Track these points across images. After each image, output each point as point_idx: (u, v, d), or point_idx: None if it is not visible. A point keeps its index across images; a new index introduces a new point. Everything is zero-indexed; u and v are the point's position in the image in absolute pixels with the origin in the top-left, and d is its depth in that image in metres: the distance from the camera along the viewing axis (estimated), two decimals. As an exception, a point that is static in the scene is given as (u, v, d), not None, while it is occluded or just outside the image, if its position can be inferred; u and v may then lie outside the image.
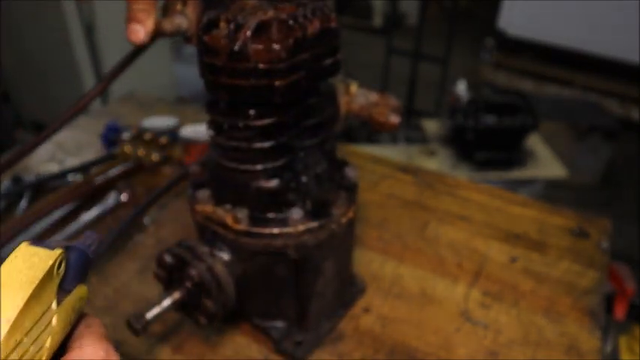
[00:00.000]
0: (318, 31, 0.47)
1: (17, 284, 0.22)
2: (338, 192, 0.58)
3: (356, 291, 0.70)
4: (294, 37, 0.46)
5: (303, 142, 0.53)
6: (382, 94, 0.59)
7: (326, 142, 0.55)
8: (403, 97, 2.86)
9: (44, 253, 0.24)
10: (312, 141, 0.53)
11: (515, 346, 0.65)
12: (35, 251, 0.24)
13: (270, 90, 0.47)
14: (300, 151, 0.53)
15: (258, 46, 0.45)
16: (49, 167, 0.95)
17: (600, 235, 0.83)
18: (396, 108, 0.59)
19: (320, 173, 0.55)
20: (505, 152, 2.28)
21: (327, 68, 0.51)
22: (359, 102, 0.59)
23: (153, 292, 0.69)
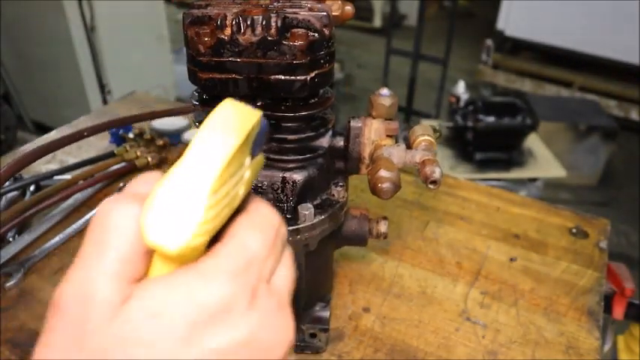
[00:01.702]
0: (258, 40, 0.46)
1: (230, 129, 0.24)
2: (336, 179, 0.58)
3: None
4: (219, 37, 0.46)
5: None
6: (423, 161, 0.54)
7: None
8: (403, 97, 2.86)
9: (250, 109, 0.25)
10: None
11: (515, 345, 0.65)
12: (242, 106, 0.25)
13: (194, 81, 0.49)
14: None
15: (192, 36, 0.46)
16: (49, 167, 0.95)
17: (599, 235, 0.83)
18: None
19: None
20: (504, 152, 2.29)
21: (277, 84, 0.47)
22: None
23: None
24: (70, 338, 0.23)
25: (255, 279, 0.25)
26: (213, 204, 0.22)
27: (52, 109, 2.74)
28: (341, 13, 0.55)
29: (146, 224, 0.22)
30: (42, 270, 0.74)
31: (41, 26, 2.46)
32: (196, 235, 0.22)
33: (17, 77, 2.72)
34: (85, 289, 0.23)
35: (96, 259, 0.24)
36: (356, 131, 0.55)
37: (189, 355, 0.22)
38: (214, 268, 0.23)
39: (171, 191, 0.22)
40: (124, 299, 0.23)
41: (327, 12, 0.48)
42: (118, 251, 0.23)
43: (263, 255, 0.25)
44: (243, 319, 0.24)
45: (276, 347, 0.25)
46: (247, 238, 0.25)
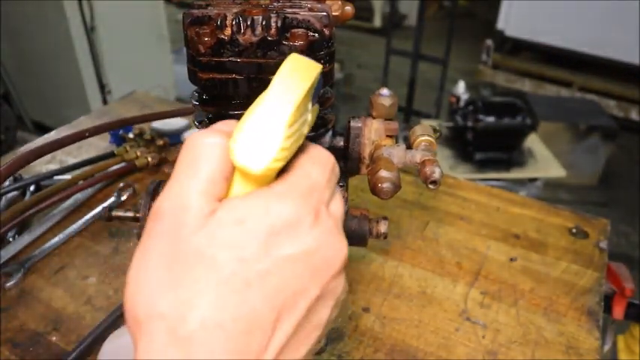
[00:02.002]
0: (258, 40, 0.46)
1: (302, 74, 0.28)
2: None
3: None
4: (219, 37, 0.46)
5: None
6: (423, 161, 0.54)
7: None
8: (403, 97, 2.87)
9: (314, 62, 0.30)
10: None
11: (514, 345, 0.65)
12: (308, 59, 0.29)
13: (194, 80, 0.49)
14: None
15: (192, 36, 0.46)
16: (49, 167, 0.95)
17: (599, 235, 0.83)
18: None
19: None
20: (504, 152, 2.29)
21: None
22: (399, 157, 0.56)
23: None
24: (167, 241, 0.27)
25: (317, 202, 0.29)
26: (289, 135, 0.27)
27: (52, 109, 2.74)
28: (341, 13, 0.55)
29: (235, 148, 0.26)
30: (42, 270, 0.74)
31: (41, 26, 2.46)
32: (276, 159, 0.26)
33: (17, 77, 2.72)
34: (180, 201, 0.27)
35: (188, 178, 0.28)
36: (356, 131, 0.55)
37: (267, 258, 0.26)
38: (285, 190, 0.28)
39: (256, 123, 0.26)
40: (212, 211, 0.27)
41: (327, 12, 0.48)
42: (206, 172, 0.28)
43: (322, 184, 0.30)
44: (309, 232, 0.28)
45: (334, 259, 0.29)
46: (310, 169, 0.30)
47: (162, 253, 0.27)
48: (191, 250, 0.26)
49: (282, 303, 0.27)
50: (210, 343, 0.25)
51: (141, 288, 0.27)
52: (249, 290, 0.26)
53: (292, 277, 0.27)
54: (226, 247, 0.26)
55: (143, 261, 0.27)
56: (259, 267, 0.26)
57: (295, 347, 0.28)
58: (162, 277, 0.26)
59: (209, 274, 0.26)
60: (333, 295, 0.30)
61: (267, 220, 0.27)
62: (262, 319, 0.26)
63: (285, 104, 0.27)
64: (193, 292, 0.25)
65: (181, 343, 0.25)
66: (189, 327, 0.25)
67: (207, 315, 0.25)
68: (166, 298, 0.26)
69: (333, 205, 0.31)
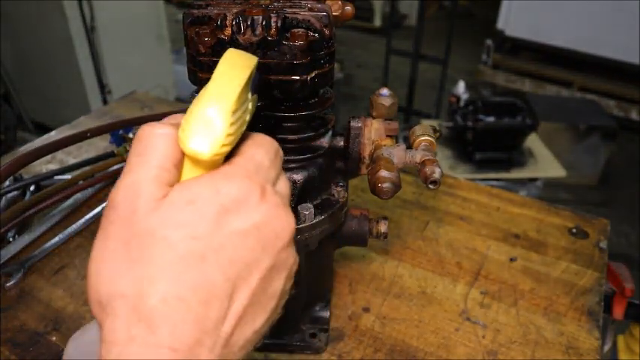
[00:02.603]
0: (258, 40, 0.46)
1: (240, 65, 0.31)
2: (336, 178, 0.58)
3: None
4: (219, 37, 0.46)
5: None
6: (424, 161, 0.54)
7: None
8: (403, 97, 2.86)
9: (250, 55, 0.32)
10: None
11: (514, 345, 0.65)
12: (244, 52, 0.32)
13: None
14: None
15: (192, 36, 0.46)
16: (49, 167, 0.95)
17: (599, 235, 0.83)
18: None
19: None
20: (504, 152, 2.29)
21: (277, 84, 0.47)
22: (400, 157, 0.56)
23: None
24: (122, 226, 0.28)
25: (263, 180, 0.31)
26: (233, 121, 0.29)
27: (52, 109, 2.74)
28: (341, 13, 0.55)
29: (184, 136, 0.28)
30: (42, 270, 0.74)
31: (41, 26, 2.46)
32: (223, 144, 0.28)
33: (17, 77, 2.72)
34: (133, 189, 0.29)
35: (140, 166, 0.29)
36: (356, 131, 0.55)
37: (219, 234, 0.28)
38: (232, 171, 0.30)
39: (202, 112, 0.28)
40: (164, 195, 0.29)
41: (327, 12, 0.48)
42: (157, 160, 0.29)
43: (266, 165, 0.32)
44: (256, 208, 0.30)
45: (283, 232, 0.31)
46: (254, 152, 0.32)
47: (119, 237, 0.28)
48: (146, 232, 0.27)
49: (237, 274, 0.28)
50: (172, 316, 0.26)
51: (101, 272, 0.28)
52: (205, 264, 0.27)
53: (244, 250, 0.29)
54: (179, 227, 0.27)
55: (101, 248, 0.28)
56: (212, 242, 0.28)
57: (252, 317, 0.30)
58: (120, 260, 0.27)
59: (164, 252, 0.27)
60: (284, 266, 0.32)
61: (217, 198, 0.28)
62: (219, 290, 0.28)
63: (228, 94, 0.29)
64: (151, 270, 0.27)
65: (144, 318, 0.26)
66: (150, 302, 0.26)
67: (166, 289, 0.26)
68: (126, 278, 0.27)
69: (279, 184, 0.33)
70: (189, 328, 0.26)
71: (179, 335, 0.26)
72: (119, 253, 0.28)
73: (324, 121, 0.55)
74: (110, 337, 0.26)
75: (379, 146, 0.54)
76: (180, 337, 0.26)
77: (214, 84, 0.29)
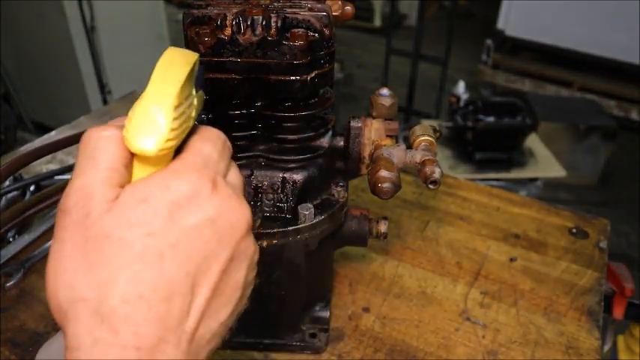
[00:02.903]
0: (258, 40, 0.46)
1: (181, 62, 0.31)
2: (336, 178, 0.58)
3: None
4: (219, 37, 0.46)
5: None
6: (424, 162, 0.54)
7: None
8: (403, 97, 2.86)
9: (190, 52, 0.33)
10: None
11: (514, 345, 0.65)
12: (183, 49, 0.33)
13: None
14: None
15: (192, 36, 0.46)
16: (49, 167, 0.95)
17: (599, 235, 0.83)
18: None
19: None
20: (504, 152, 2.29)
21: (277, 84, 0.48)
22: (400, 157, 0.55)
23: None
24: (77, 231, 0.28)
25: (213, 173, 0.31)
26: (177, 117, 0.29)
27: (52, 109, 2.74)
28: (341, 13, 0.55)
29: (129, 136, 0.28)
30: (42, 270, 0.73)
31: (41, 26, 2.45)
32: (167, 139, 0.28)
33: (17, 77, 2.72)
34: (84, 192, 0.28)
35: (90, 169, 0.29)
36: (356, 131, 0.55)
37: (174, 230, 0.28)
38: (181, 167, 0.30)
39: (144, 110, 0.29)
40: (116, 196, 0.28)
41: (327, 12, 0.48)
42: (106, 162, 0.29)
43: (215, 158, 0.32)
44: (209, 201, 0.30)
45: (238, 222, 0.31)
46: (201, 146, 0.32)
47: (74, 242, 0.28)
48: (101, 234, 0.27)
49: (196, 268, 0.28)
50: (133, 315, 0.26)
51: (59, 278, 0.28)
52: (163, 260, 0.27)
53: (201, 243, 0.29)
54: (133, 226, 0.27)
55: (57, 253, 0.29)
56: (168, 238, 0.28)
57: (216, 310, 0.30)
58: (77, 264, 0.27)
59: (121, 252, 0.27)
60: (245, 256, 0.32)
61: (168, 195, 0.29)
62: (180, 286, 0.28)
63: (168, 89, 0.29)
64: (109, 271, 0.27)
65: (106, 320, 0.26)
66: (111, 303, 0.26)
67: (126, 289, 0.26)
68: (85, 281, 0.27)
69: (230, 176, 0.33)
70: (152, 327, 0.26)
71: (142, 334, 0.26)
72: (76, 257, 0.27)
73: (324, 121, 0.55)
74: (73, 342, 0.26)
75: (379, 146, 0.54)
76: (144, 336, 0.26)
77: (154, 82, 0.30)
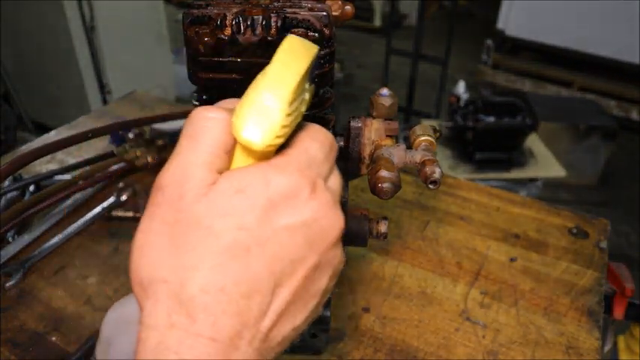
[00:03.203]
0: (258, 40, 0.46)
1: (299, 56, 0.29)
2: None
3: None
4: (219, 37, 0.46)
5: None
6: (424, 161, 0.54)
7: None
8: (403, 97, 2.86)
9: (310, 43, 0.31)
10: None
11: (515, 345, 0.65)
12: (303, 40, 0.31)
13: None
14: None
15: (192, 36, 0.46)
16: (49, 167, 0.95)
17: (599, 235, 0.83)
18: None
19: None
20: (504, 152, 2.29)
21: None
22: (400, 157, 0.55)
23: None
24: (169, 210, 0.27)
25: (315, 175, 0.30)
26: (289, 112, 0.28)
27: (52, 109, 2.74)
28: (341, 13, 0.55)
29: (238, 124, 0.27)
30: (42, 270, 0.74)
31: (41, 26, 2.45)
32: (277, 135, 0.27)
33: (17, 77, 2.72)
34: (182, 172, 0.28)
35: (191, 150, 0.29)
36: (356, 131, 0.55)
37: (266, 227, 0.27)
38: (284, 163, 0.29)
39: (258, 100, 0.27)
40: (213, 181, 0.28)
41: (327, 12, 0.48)
42: (208, 146, 0.29)
43: (320, 159, 0.31)
44: (306, 204, 0.29)
45: (331, 230, 0.30)
46: (308, 145, 0.30)
47: (164, 221, 0.27)
48: (192, 219, 0.27)
49: (281, 270, 0.28)
50: (213, 306, 0.26)
51: (144, 254, 0.28)
52: (250, 256, 0.27)
53: (291, 246, 0.28)
54: (226, 216, 0.27)
55: (146, 229, 0.28)
56: (259, 235, 0.27)
57: (293, 314, 0.29)
58: (163, 244, 0.27)
59: (209, 241, 0.26)
60: (330, 265, 0.31)
61: (267, 191, 0.28)
62: (262, 285, 0.27)
63: (285, 83, 0.28)
64: (193, 258, 0.26)
65: (185, 306, 0.26)
66: (190, 290, 0.26)
67: (207, 280, 0.26)
68: (168, 263, 0.27)
69: (330, 180, 0.32)
70: (230, 320, 0.26)
71: (220, 326, 0.26)
72: (163, 237, 0.27)
73: (324, 121, 0.55)
74: (150, 320, 0.26)
75: (379, 146, 0.54)
76: (221, 329, 0.26)
77: (273, 71, 0.28)
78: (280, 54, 0.29)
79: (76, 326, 0.65)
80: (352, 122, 0.55)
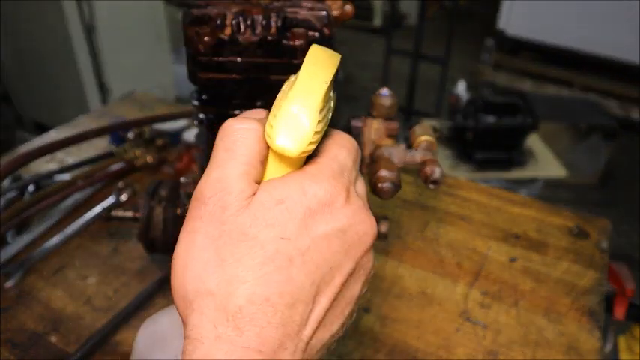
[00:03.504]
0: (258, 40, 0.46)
1: (325, 64, 0.30)
2: None
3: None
4: (219, 37, 0.46)
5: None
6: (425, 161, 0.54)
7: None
8: (403, 97, 2.86)
9: (333, 52, 0.32)
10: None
11: (515, 345, 0.65)
12: (326, 49, 0.32)
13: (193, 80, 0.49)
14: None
15: (192, 36, 0.46)
16: (49, 167, 0.95)
17: (599, 235, 0.83)
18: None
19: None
20: (505, 152, 2.29)
21: (277, 84, 0.48)
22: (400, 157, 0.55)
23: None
24: (212, 223, 0.28)
25: (348, 182, 0.31)
26: (320, 119, 0.29)
27: (51, 108, 2.74)
28: (341, 13, 0.54)
29: (273, 133, 0.28)
30: (42, 270, 0.74)
31: (41, 26, 2.45)
32: (311, 142, 0.28)
33: (16, 77, 2.72)
34: (222, 185, 0.28)
35: (228, 162, 0.29)
36: (356, 131, 0.55)
37: (306, 236, 0.28)
38: (318, 172, 0.29)
39: (290, 109, 0.28)
40: (253, 192, 0.28)
41: (327, 11, 0.48)
42: (244, 156, 0.29)
43: (349, 166, 0.32)
44: (342, 211, 0.29)
45: (366, 235, 0.31)
46: (337, 152, 0.31)
47: (208, 234, 0.28)
48: (236, 231, 0.27)
49: (321, 278, 0.28)
50: (259, 317, 0.26)
51: (189, 267, 0.28)
52: (292, 266, 0.27)
53: (329, 253, 0.29)
54: (269, 227, 0.27)
55: (189, 242, 0.28)
56: (300, 244, 0.28)
57: (330, 321, 0.30)
58: (208, 257, 0.27)
59: (254, 252, 0.27)
60: (364, 270, 0.32)
61: (305, 200, 0.28)
62: (304, 293, 0.27)
63: (315, 91, 0.29)
64: (240, 269, 0.27)
65: (231, 317, 0.26)
66: (237, 302, 0.26)
67: (254, 290, 0.26)
68: (214, 275, 0.27)
69: (357, 186, 0.33)
70: (275, 331, 0.26)
71: (265, 337, 0.26)
72: (208, 250, 0.27)
73: None
74: (195, 333, 0.26)
75: (379, 146, 0.54)
76: (266, 340, 0.26)
77: (302, 81, 0.29)
78: (307, 64, 0.30)
79: (75, 326, 0.65)
80: (352, 122, 0.55)
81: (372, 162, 0.54)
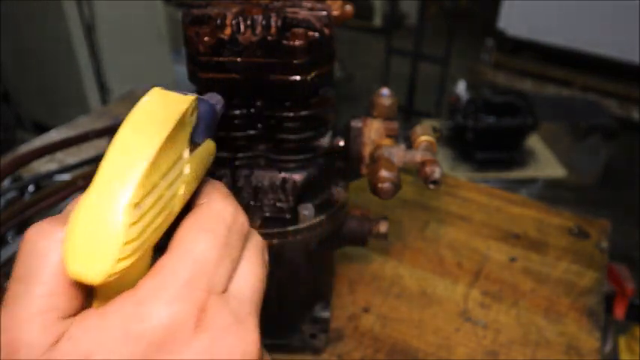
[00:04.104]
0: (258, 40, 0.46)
1: (154, 124, 0.22)
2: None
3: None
4: (219, 37, 0.46)
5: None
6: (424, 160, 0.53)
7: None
8: (403, 97, 2.86)
9: (178, 97, 0.24)
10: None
11: (515, 345, 0.65)
12: (169, 94, 0.24)
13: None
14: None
15: (192, 36, 0.46)
16: (49, 167, 0.95)
17: (600, 235, 0.83)
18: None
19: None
20: (505, 152, 2.29)
21: (277, 83, 0.47)
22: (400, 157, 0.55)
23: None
24: None
25: (204, 292, 0.22)
26: (137, 219, 0.20)
27: (51, 108, 2.74)
28: (341, 13, 0.54)
29: (66, 254, 0.20)
30: (41, 270, 0.73)
31: (40, 25, 2.45)
32: (121, 259, 0.20)
33: (16, 77, 2.72)
34: (11, 335, 0.20)
35: (21, 298, 0.21)
36: (356, 131, 0.55)
37: None
38: (153, 292, 0.21)
39: (87, 214, 0.20)
40: (55, 339, 0.20)
41: (327, 11, 0.48)
42: (45, 284, 0.21)
43: (213, 260, 0.22)
44: (189, 344, 0.21)
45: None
46: (193, 243, 0.22)
47: None
48: None
49: None
50: None
51: None
52: None
53: None
54: None
55: None
56: None
57: None
58: None
59: None
60: None
61: (126, 345, 0.20)
62: None
63: (124, 180, 0.20)
64: None
65: None
66: None
67: None
68: None
69: (237, 281, 0.23)
70: None
71: None
72: None
73: (324, 121, 0.55)
74: None
75: (379, 146, 0.54)
76: None
77: (108, 164, 0.21)
78: (119, 138, 0.21)
79: (75, 326, 0.65)
80: (352, 122, 0.55)
81: (372, 162, 0.54)
